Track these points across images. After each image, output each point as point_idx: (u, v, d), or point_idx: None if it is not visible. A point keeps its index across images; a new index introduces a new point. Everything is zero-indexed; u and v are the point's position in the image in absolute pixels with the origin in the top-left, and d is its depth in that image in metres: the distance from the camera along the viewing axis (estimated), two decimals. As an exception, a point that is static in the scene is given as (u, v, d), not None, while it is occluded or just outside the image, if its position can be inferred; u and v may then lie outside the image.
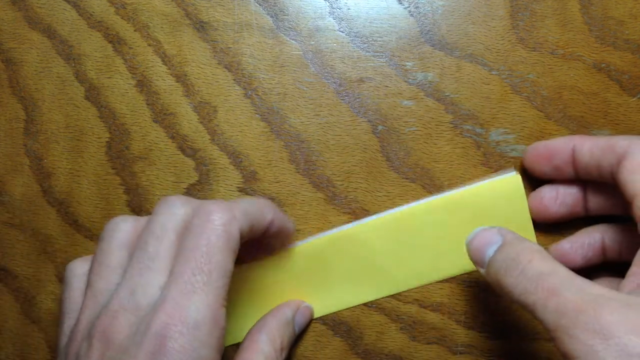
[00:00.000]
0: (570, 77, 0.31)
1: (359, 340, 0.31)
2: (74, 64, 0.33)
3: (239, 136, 0.32)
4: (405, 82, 0.31)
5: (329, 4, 0.32)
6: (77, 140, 0.33)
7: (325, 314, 0.31)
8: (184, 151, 0.32)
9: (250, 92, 0.32)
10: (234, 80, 0.32)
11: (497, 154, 0.31)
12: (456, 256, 0.30)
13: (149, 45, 0.32)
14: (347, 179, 0.31)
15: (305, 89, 0.32)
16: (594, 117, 0.31)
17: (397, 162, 0.31)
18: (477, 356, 0.30)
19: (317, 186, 0.31)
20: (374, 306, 0.31)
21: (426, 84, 0.31)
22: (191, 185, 0.32)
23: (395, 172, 0.31)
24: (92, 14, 0.33)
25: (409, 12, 0.32)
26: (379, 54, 0.32)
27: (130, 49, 0.33)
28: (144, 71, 0.32)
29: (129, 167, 0.32)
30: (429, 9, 0.32)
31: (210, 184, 0.32)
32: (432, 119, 0.31)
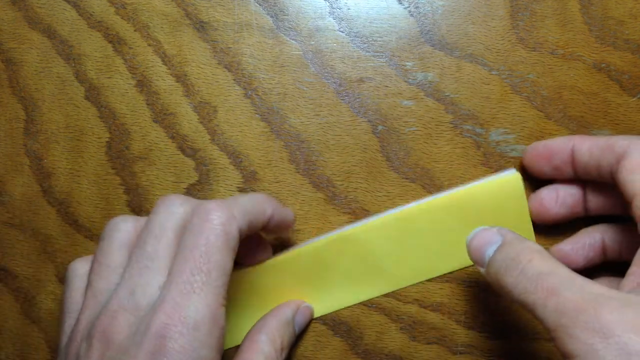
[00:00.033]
0: (570, 77, 0.31)
1: (359, 340, 0.31)
2: (74, 64, 0.33)
3: (239, 136, 0.32)
4: (405, 82, 0.31)
5: (329, 4, 0.32)
6: (77, 140, 0.33)
7: (325, 313, 0.31)
8: (184, 151, 0.32)
9: (250, 92, 0.32)
10: (234, 80, 0.32)
11: (497, 154, 0.31)
12: (457, 255, 0.30)
13: (149, 45, 0.32)
14: (347, 179, 0.31)
15: (305, 89, 0.32)
16: (594, 117, 0.31)
17: (397, 162, 0.31)
18: (477, 356, 0.30)
19: (317, 186, 0.31)
20: (374, 306, 0.31)
21: (426, 84, 0.31)
22: (191, 185, 0.32)
23: (395, 172, 0.31)
24: (92, 14, 0.33)
25: (409, 12, 0.32)
26: (379, 54, 0.32)
27: (130, 49, 0.33)
28: (144, 71, 0.32)
29: (129, 167, 0.32)
30: (429, 9, 0.32)
31: (210, 184, 0.32)
32: (432, 119, 0.31)
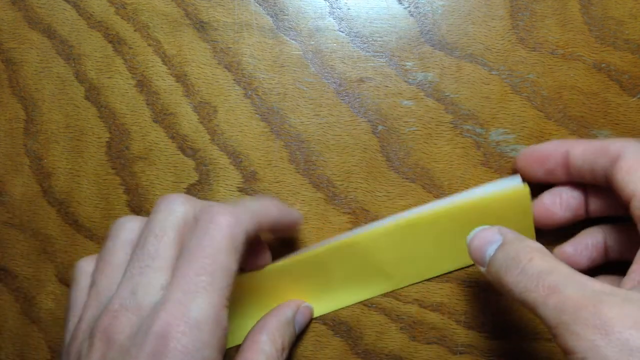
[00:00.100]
0: (570, 77, 0.31)
1: (359, 340, 0.31)
2: (74, 64, 0.33)
3: (239, 136, 0.32)
4: (405, 82, 0.31)
5: (329, 4, 0.32)
6: (77, 140, 0.33)
7: (325, 312, 0.31)
8: (184, 151, 0.32)
9: (250, 92, 0.32)
10: (234, 80, 0.32)
11: (497, 154, 0.31)
12: (459, 261, 0.30)
13: (149, 45, 0.32)
14: (347, 179, 0.31)
15: (305, 89, 0.32)
16: (594, 117, 0.31)
17: (397, 162, 0.31)
18: (477, 356, 0.30)
19: (317, 186, 0.31)
20: (374, 306, 0.31)
21: (426, 84, 0.31)
22: (191, 185, 0.32)
23: (395, 172, 0.31)
24: (92, 14, 0.33)
25: (409, 12, 0.32)
26: (379, 54, 0.32)
27: (130, 49, 0.33)
28: (144, 71, 0.32)
29: (129, 167, 0.32)
30: (429, 9, 0.32)
31: (210, 184, 0.32)
32: (432, 119, 0.31)
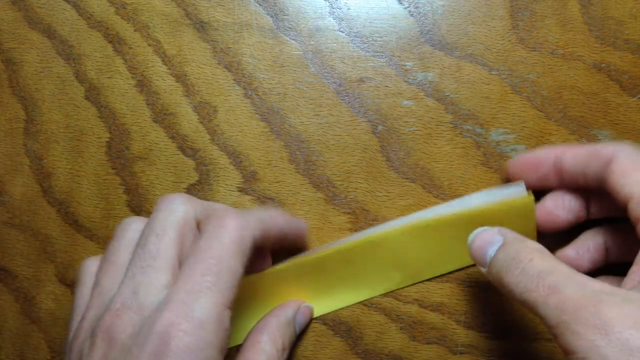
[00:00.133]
0: (570, 77, 0.31)
1: (359, 340, 0.31)
2: (74, 64, 0.33)
3: (239, 136, 0.32)
4: (405, 82, 0.31)
5: (329, 4, 0.32)
6: (77, 140, 0.33)
7: (325, 312, 0.31)
8: (184, 151, 0.32)
9: (250, 92, 0.32)
10: (234, 80, 0.32)
11: (497, 154, 0.31)
12: (460, 265, 0.30)
13: (149, 45, 0.32)
14: (347, 179, 0.31)
15: (305, 89, 0.32)
16: (594, 117, 0.31)
17: (397, 162, 0.31)
18: (477, 356, 0.30)
19: (317, 186, 0.31)
20: (374, 306, 0.31)
21: (426, 84, 0.31)
22: (191, 185, 0.32)
23: (395, 172, 0.31)
24: (92, 14, 0.33)
25: (409, 12, 0.32)
26: (379, 54, 0.32)
27: (130, 49, 0.33)
28: (144, 71, 0.32)
29: (129, 167, 0.32)
30: (429, 9, 0.32)
31: (210, 184, 0.32)
32: (432, 119, 0.31)
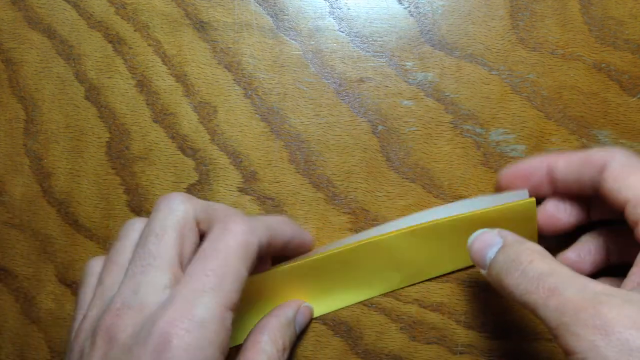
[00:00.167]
0: (570, 77, 0.31)
1: (359, 340, 0.31)
2: (74, 64, 0.33)
3: (239, 136, 0.32)
4: (405, 82, 0.31)
5: (329, 4, 0.32)
6: (77, 140, 0.33)
7: (325, 312, 0.31)
8: (184, 151, 0.32)
9: (250, 92, 0.32)
10: (234, 80, 0.32)
11: (497, 154, 0.31)
12: (459, 266, 0.30)
13: (149, 45, 0.32)
14: (347, 179, 0.31)
15: (305, 89, 0.32)
16: (594, 117, 0.31)
17: (397, 162, 0.31)
18: (477, 356, 0.30)
19: (317, 186, 0.31)
20: (374, 306, 0.31)
21: (426, 84, 0.31)
22: (191, 185, 0.32)
23: (395, 172, 0.31)
24: (92, 14, 0.33)
25: (409, 12, 0.32)
26: (379, 54, 0.32)
27: (130, 49, 0.33)
28: (144, 71, 0.32)
29: (129, 167, 0.32)
30: (429, 9, 0.32)
31: (210, 184, 0.32)
32: (432, 119, 0.31)
